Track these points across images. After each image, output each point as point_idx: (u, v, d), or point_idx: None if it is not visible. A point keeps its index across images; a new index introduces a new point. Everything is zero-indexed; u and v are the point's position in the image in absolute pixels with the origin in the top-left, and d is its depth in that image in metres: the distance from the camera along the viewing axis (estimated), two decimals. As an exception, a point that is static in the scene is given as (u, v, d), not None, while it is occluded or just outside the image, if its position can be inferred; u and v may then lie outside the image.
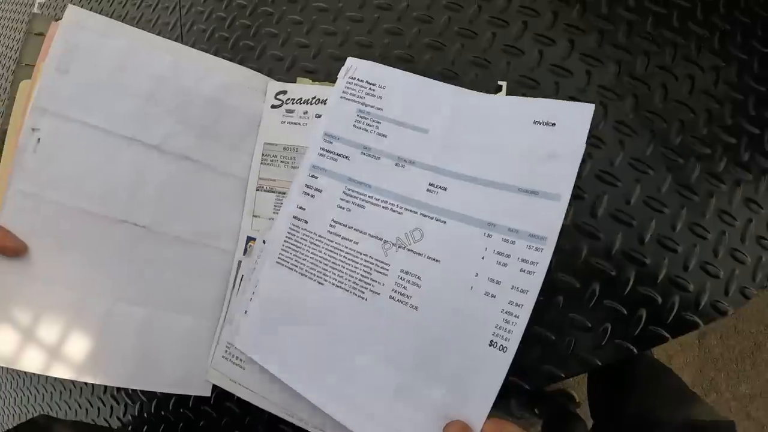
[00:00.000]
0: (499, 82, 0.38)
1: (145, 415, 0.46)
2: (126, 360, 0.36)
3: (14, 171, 0.33)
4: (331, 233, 0.35)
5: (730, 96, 0.36)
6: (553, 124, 0.34)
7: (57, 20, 0.35)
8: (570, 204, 0.33)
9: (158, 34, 0.50)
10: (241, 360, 0.38)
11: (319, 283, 0.34)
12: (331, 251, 0.34)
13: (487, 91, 0.37)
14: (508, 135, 0.34)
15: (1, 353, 0.33)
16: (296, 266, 0.35)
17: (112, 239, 0.35)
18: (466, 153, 0.34)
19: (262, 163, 0.39)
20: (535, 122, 0.34)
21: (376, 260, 0.33)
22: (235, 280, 0.39)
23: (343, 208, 0.35)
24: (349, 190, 0.35)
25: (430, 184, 0.34)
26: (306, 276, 0.35)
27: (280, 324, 0.35)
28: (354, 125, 0.36)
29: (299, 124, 0.39)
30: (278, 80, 0.41)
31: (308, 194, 0.36)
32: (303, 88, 0.40)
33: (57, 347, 0.34)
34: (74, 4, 0.37)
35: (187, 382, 0.39)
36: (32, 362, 0.34)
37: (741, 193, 0.34)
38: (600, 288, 0.34)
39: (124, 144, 0.35)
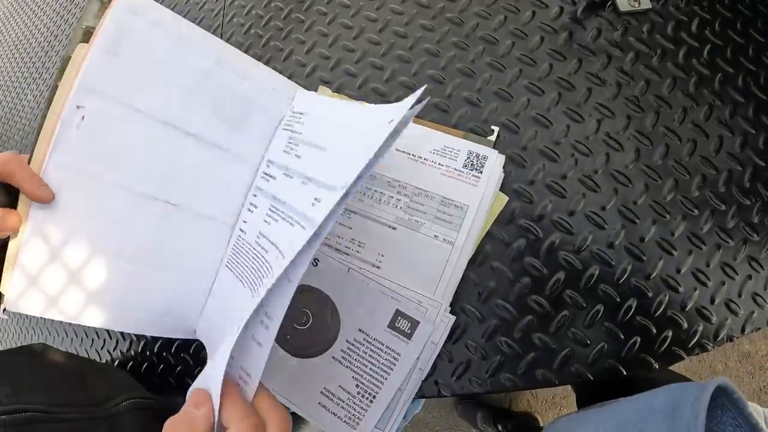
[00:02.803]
0: (493, 127, 0.41)
1: (132, 353, 0.53)
2: (128, 310, 0.41)
3: (56, 142, 0.36)
4: (257, 243, 0.37)
5: (753, 161, 0.39)
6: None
7: None
8: (590, 232, 0.39)
9: (201, 19, 0.56)
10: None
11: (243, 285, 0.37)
12: (254, 258, 0.37)
13: (475, 132, 0.41)
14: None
15: (11, 297, 0.36)
16: (236, 270, 0.39)
17: (141, 210, 0.39)
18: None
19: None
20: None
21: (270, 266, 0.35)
22: (223, 256, 0.43)
23: (268, 223, 0.37)
24: (272, 207, 0.37)
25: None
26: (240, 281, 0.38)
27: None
28: (283, 150, 0.39)
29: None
30: (297, 84, 0.46)
31: (249, 210, 0.40)
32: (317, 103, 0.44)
33: (59, 294, 0.38)
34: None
35: (175, 329, 0.44)
36: (33, 306, 0.37)
37: (746, 251, 0.38)
38: (603, 310, 0.38)
39: (164, 129, 0.39)
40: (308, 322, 0.41)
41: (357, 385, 0.39)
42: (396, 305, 0.39)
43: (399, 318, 0.38)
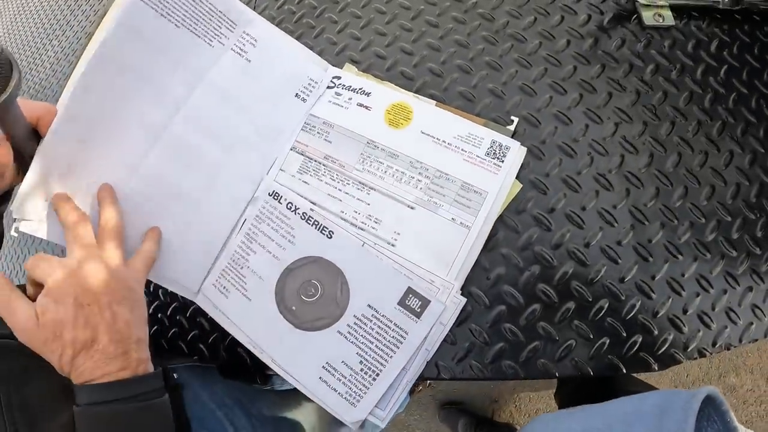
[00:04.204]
0: (512, 117, 0.43)
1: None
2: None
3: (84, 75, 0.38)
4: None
5: (760, 178, 0.41)
6: None
7: None
8: (600, 228, 0.40)
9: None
10: (227, 290, 0.43)
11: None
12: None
13: (496, 121, 0.43)
14: None
15: (29, 224, 0.38)
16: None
17: (161, 141, 0.42)
18: None
19: (302, 130, 0.45)
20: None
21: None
22: (238, 221, 0.44)
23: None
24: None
25: None
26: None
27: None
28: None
29: (342, 106, 0.44)
30: (326, 61, 0.47)
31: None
32: (354, 78, 0.45)
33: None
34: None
35: (179, 287, 0.44)
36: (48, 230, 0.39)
37: (748, 263, 0.39)
38: (607, 307, 0.38)
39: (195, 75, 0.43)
40: (316, 294, 0.40)
41: (361, 362, 0.38)
42: (408, 283, 0.39)
43: (410, 296, 0.38)
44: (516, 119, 0.42)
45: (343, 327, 0.39)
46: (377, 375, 0.38)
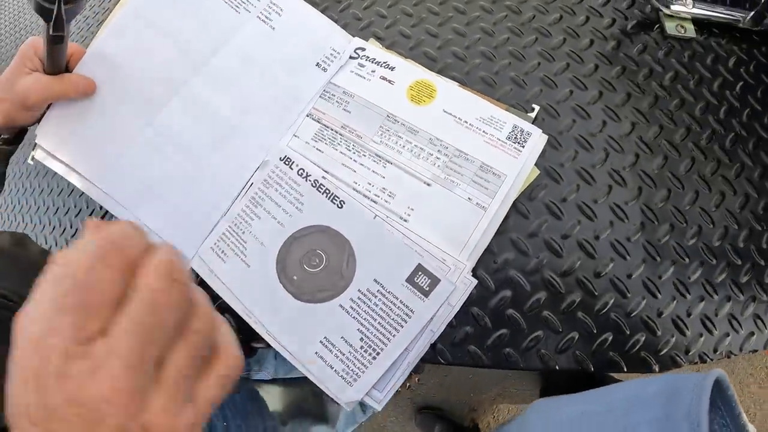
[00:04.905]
0: (534, 105, 0.43)
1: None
2: (141, 194, 0.42)
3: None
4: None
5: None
6: None
7: None
8: (611, 222, 0.40)
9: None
10: (225, 254, 0.41)
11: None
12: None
13: (515, 108, 0.42)
14: None
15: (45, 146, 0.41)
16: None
17: (179, 96, 0.43)
18: None
19: (320, 97, 0.44)
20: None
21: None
22: (246, 184, 0.43)
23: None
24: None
25: None
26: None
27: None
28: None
29: (364, 78, 0.44)
30: (350, 35, 0.47)
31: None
32: (378, 51, 0.45)
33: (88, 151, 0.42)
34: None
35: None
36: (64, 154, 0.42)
37: (752, 273, 0.39)
38: (612, 302, 0.38)
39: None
40: (320, 265, 0.39)
41: (362, 339, 0.36)
42: (419, 260, 0.37)
43: (419, 273, 0.37)
44: (537, 107, 0.42)
45: (345, 301, 0.37)
46: (378, 354, 0.36)
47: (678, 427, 0.25)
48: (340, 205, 0.39)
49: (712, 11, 0.46)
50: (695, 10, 0.45)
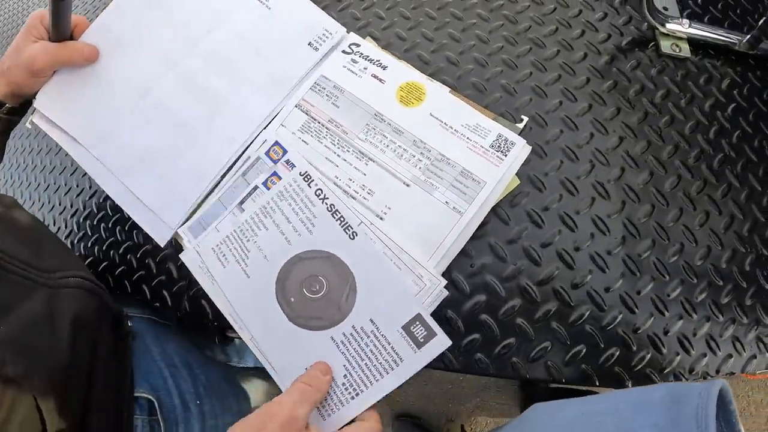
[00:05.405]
0: (522, 116, 0.43)
1: (95, 250, 0.50)
2: (131, 162, 0.43)
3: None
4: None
5: (754, 215, 0.41)
6: None
7: None
8: (592, 235, 0.39)
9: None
10: (226, 258, 0.40)
11: None
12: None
13: (503, 116, 0.42)
14: None
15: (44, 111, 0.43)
16: None
17: (175, 70, 0.45)
18: None
19: (310, 89, 0.44)
20: None
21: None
22: (230, 162, 0.43)
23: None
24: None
25: None
26: None
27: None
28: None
29: (355, 74, 0.44)
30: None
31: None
32: (373, 49, 0.45)
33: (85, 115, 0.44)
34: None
35: (154, 225, 0.43)
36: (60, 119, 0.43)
37: (755, 332, 0.38)
38: (589, 314, 0.38)
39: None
40: (320, 292, 0.38)
41: (345, 376, 0.35)
42: (418, 309, 0.35)
43: (417, 323, 0.35)
44: (526, 119, 0.42)
45: (338, 334, 0.36)
46: (357, 395, 0.35)
47: (684, 429, 0.24)
48: (352, 236, 0.38)
49: (709, 32, 0.46)
50: (691, 30, 0.45)
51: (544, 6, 0.48)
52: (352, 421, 0.35)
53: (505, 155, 0.40)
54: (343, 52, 0.45)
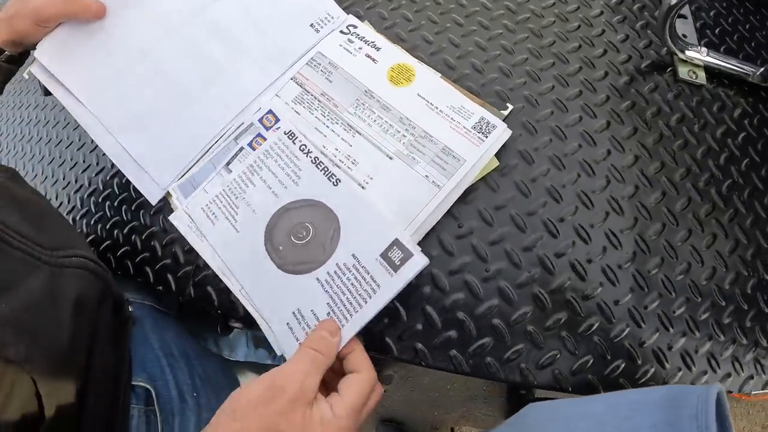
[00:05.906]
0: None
1: (98, 228, 0.49)
2: (127, 121, 0.44)
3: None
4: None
5: (758, 241, 0.42)
6: None
7: None
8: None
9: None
10: (216, 216, 0.42)
11: None
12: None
13: (523, 124, 0.43)
14: None
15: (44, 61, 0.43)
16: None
17: (176, 36, 0.45)
18: None
19: (307, 64, 0.46)
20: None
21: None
22: (224, 128, 0.45)
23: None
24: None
25: None
26: None
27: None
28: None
29: (350, 53, 0.47)
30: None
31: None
32: (369, 31, 0.48)
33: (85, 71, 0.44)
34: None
35: (146, 183, 0.44)
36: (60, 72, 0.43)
37: (753, 354, 0.39)
38: (598, 326, 0.38)
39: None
40: (306, 238, 0.39)
41: (328, 313, 0.36)
42: (395, 234, 0.36)
43: (394, 247, 0.36)
44: (511, 107, 0.44)
45: (322, 274, 0.38)
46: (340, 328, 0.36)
47: (684, 429, 0.25)
48: (335, 183, 0.40)
49: (725, 62, 0.47)
50: (708, 59, 0.47)
51: (569, 23, 0.49)
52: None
53: (486, 136, 0.41)
54: (341, 32, 0.48)
